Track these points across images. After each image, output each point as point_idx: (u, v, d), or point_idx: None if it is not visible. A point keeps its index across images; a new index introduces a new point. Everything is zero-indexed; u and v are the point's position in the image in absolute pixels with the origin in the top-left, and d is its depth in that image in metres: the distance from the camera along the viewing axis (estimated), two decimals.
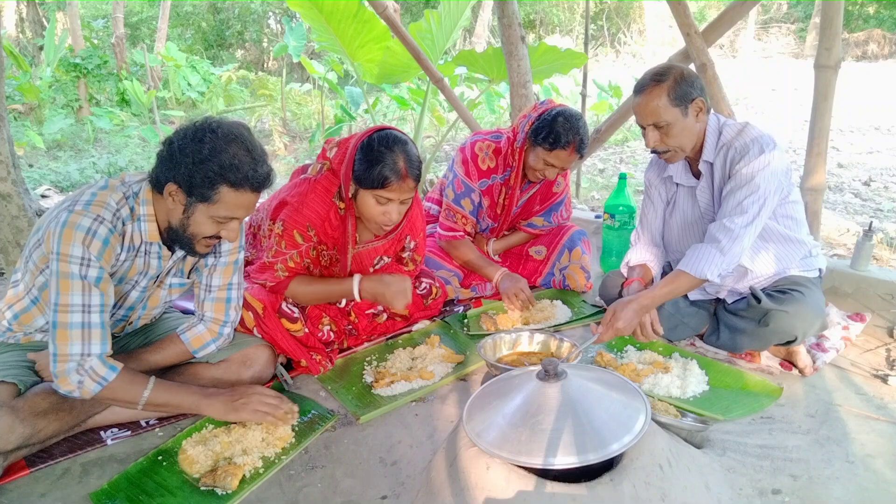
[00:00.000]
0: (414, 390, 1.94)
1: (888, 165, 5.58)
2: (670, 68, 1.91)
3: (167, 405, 1.64)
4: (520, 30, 3.49)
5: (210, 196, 1.50)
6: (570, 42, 14.73)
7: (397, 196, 1.89)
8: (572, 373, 1.35)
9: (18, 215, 2.99)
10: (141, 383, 1.58)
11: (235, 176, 1.49)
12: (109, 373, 1.51)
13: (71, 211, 1.49)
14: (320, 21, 4.30)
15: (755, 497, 1.45)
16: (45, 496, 1.51)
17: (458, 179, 2.56)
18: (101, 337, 1.51)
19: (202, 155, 1.47)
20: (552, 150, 2.33)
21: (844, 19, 2.68)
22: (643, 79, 1.92)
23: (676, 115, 1.87)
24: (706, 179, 2.02)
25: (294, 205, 2.00)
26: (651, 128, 1.91)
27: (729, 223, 1.85)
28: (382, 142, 1.86)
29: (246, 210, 1.58)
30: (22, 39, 13.04)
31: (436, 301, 2.43)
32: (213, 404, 1.65)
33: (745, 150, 1.87)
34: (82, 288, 1.47)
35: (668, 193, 2.20)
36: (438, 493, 1.31)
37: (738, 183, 1.86)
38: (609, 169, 5.96)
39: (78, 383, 1.49)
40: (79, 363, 1.48)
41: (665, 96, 1.86)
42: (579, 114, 2.39)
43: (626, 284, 2.17)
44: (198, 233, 1.57)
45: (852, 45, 15.04)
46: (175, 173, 1.50)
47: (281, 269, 2.02)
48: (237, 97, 9.03)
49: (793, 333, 1.90)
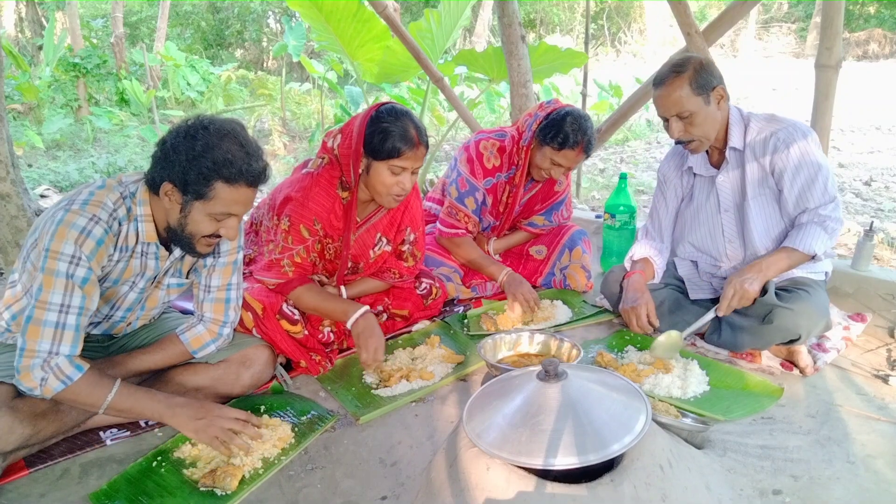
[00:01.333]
0: (414, 390, 1.93)
1: (889, 165, 5.58)
2: (689, 58, 1.91)
3: (130, 411, 1.58)
4: (520, 29, 3.49)
5: (205, 193, 1.50)
6: (571, 41, 14.72)
7: (411, 164, 1.95)
8: (572, 373, 1.35)
9: (17, 215, 2.99)
10: (105, 386, 1.52)
11: (229, 171, 1.49)
12: (75, 372, 1.47)
13: (67, 210, 1.48)
14: (320, 20, 4.30)
15: (756, 497, 1.45)
16: (45, 496, 1.51)
17: (462, 178, 2.55)
18: (72, 339, 1.47)
19: (195, 152, 1.47)
20: (561, 149, 2.33)
21: (845, 19, 2.69)
22: (662, 70, 1.93)
23: (699, 103, 1.89)
24: (732, 168, 2.03)
25: (299, 199, 2.00)
26: (675, 119, 1.92)
27: (824, 211, 1.89)
28: (390, 113, 1.93)
29: (243, 206, 1.57)
30: (21, 39, 13.04)
31: (436, 301, 2.43)
32: (177, 416, 1.57)
33: (792, 136, 1.90)
34: (65, 287, 1.45)
35: (685, 187, 2.20)
36: (438, 493, 1.31)
37: (808, 169, 1.90)
38: (609, 169, 5.95)
39: (41, 380, 1.44)
40: (45, 360, 1.44)
41: (687, 86, 1.87)
42: (587, 114, 2.39)
43: (626, 277, 2.18)
44: (196, 231, 1.56)
45: (853, 44, 15.05)
46: (170, 172, 1.49)
47: (287, 265, 2.02)
48: (236, 97, 9.03)
49: (796, 332, 1.90)
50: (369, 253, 2.20)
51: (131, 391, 1.57)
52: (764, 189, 2.00)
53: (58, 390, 1.46)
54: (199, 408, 1.61)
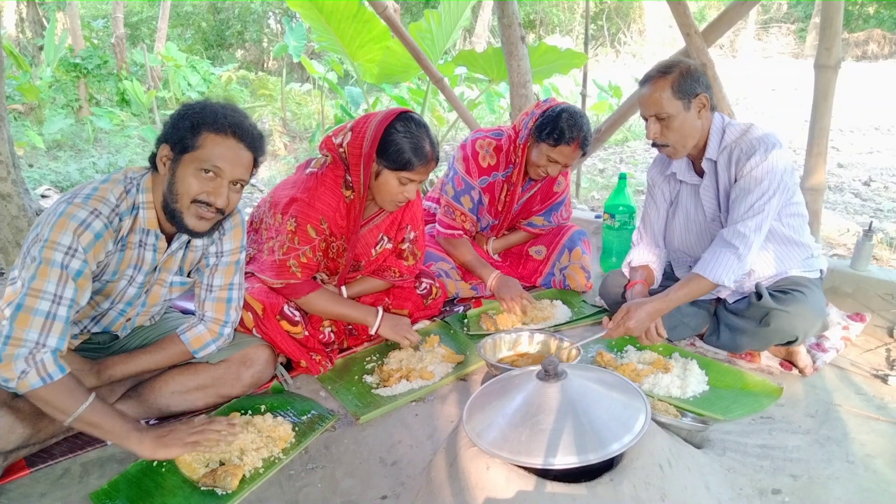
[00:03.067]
0: (414, 390, 1.94)
1: (888, 165, 5.58)
2: (678, 62, 1.92)
3: (98, 427, 1.49)
4: (520, 30, 3.49)
5: (193, 143, 1.52)
6: (570, 42, 14.72)
7: (420, 177, 1.98)
8: (572, 373, 1.35)
9: (18, 215, 2.99)
10: (79, 396, 1.45)
11: (219, 122, 1.53)
12: (57, 372, 1.42)
13: (70, 203, 1.49)
14: (320, 21, 4.30)
15: (755, 497, 1.45)
16: (45, 496, 1.51)
17: (458, 176, 2.56)
18: (61, 332, 1.44)
19: (192, 110, 1.54)
20: (556, 145, 2.34)
21: (844, 19, 2.69)
22: (650, 71, 1.95)
23: (678, 108, 1.88)
24: (710, 178, 2.02)
25: (305, 199, 2.00)
26: (653, 119, 1.92)
27: (743, 228, 1.84)
28: (410, 125, 1.94)
29: (230, 164, 1.54)
30: (22, 39, 13.03)
31: (436, 301, 2.43)
32: (143, 441, 1.52)
33: (752, 150, 1.86)
34: (59, 277, 1.43)
35: (672, 192, 2.19)
36: (438, 493, 1.31)
37: (747, 185, 1.86)
38: (609, 169, 5.96)
39: (21, 372, 1.37)
40: (31, 351, 1.39)
41: (669, 88, 1.87)
42: (582, 111, 2.39)
43: (629, 286, 2.17)
44: (183, 191, 1.53)
45: (852, 44, 15.05)
46: (166, 134, 1.55)
47: (294, 266, 2.02)
48: (237, 97, 9.03)
49: (793, 333, 1.91)
50: (371, 251, 2.20)
51: (102, 408, 1.50)
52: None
53: (35, 387, 1.39)
54: (162, 427, 1.59)
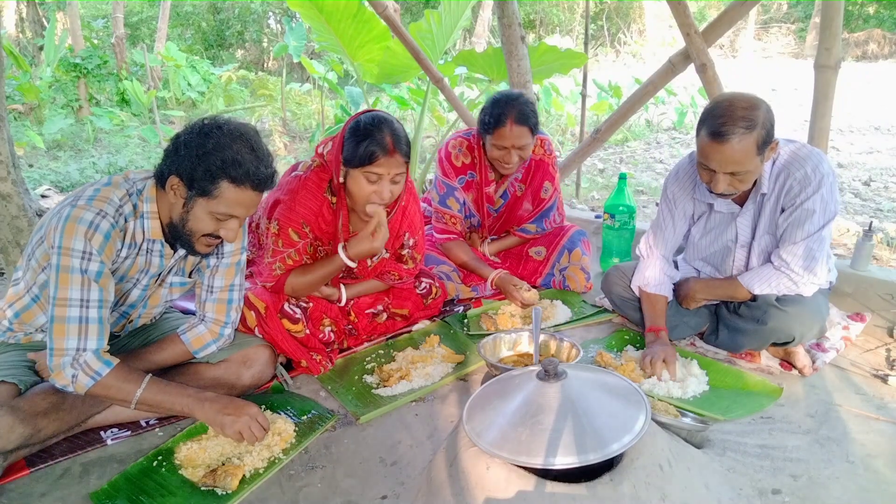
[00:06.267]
0: (414, 390, 1.94)
1: (888, 165, 5.58)
2: (757, 111, 1.69)
3: (160, 405, 1.60)
4: (520, 30, 3.49)
5: (210, 190, 1.51)
6: (570, 42, 14.73)
7: (386, 171, 1.90)
8: (572, 373, 1.35)
9: (18, 215, 2.99)
10: (135, 381, 1.56)
11: (237, 172, 1.50)
12: (103, 367, 1.51)
13: (74, 206, 1.49)
14: (320, 21, 4.30)
15: (755, 497, 1.45)
16: (45, 496, 1.51)
17: (438, 181, 2.61)
18: (97, 332, 1.51)
19: (206, 149, 1.48)
20: (494, 130, 2.35)
21: (844, 19, 2.68)
22: (726, 122, 1.67)
23: (757, 163, 1.73)
24: (751, 206, 1.94)
25: (286, 202, 2.01)
26: (724, 174, 1.74)
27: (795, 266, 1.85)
28: (368, 121, 1.91)
29: (246, 209, 1.58)
30: (22, 39, 13.04)
31: (436, 301, 2.43)
32: (205, 409, 1.59)
33: (807, 182, 1.79)
34: (81, 283, 1.47)
35: (697, 212, 2.10)
36: (438, 493, 1.31)
37: (800, 218, 1.82)
38: (609, 169, 5.96)
39: (72, 377, 1.49)
40: (73, 357, 1.48)
41: (754, 146, 1.68)
42: (518, 92, 2.39)
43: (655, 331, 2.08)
44: (196, 229, 1.57)
45: (852, 44, 15.06)
46: (178, 166, 1.51)
47: (279, 268, 2.03)
48: (237, 97, 9.03)
49: (790, 334, 1.91)
50: (367, 262, 2.20)
51: (161, 386, 1.60)
52: (772, 227, 1.94)
53: (88, 386, 1.50)
54: (228, 403, 1.63)
